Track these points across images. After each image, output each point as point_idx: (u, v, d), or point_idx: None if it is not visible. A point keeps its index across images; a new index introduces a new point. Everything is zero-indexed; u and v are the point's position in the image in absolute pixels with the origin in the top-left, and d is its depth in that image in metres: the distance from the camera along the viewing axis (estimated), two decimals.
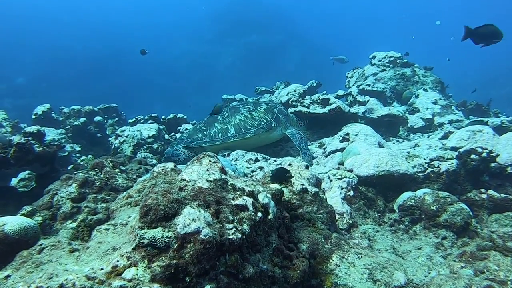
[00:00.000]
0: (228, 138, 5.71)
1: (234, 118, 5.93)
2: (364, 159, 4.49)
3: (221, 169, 2.12)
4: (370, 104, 7.98)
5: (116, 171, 3.87)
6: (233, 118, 5.93)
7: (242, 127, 5.80)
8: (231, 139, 5.70)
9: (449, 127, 8.32)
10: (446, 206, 3.80)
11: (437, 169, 4.75)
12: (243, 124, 5.84)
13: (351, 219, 3.52)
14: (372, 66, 11.22)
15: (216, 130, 5.84)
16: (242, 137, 5.70)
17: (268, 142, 6.25)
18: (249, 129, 5.77)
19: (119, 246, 1.73)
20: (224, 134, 5.76)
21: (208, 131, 5.87)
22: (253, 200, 1.97)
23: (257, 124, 5.83)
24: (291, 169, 2.84)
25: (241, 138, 5.70)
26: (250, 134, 5.74)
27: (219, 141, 5.72)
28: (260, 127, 5.81)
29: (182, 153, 5.89)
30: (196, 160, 2.17)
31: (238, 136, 5.70)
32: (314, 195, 2.62)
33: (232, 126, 5.83)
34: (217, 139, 5.75)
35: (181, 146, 5.98)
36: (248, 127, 5.80)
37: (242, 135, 5.72)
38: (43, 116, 9.38)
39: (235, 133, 5.73)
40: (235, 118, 5.94)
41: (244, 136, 5.71)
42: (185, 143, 5.93)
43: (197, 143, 5.83)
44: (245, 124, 5.84)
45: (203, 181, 1.90)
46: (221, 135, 5.76)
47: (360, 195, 4.14)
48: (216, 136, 5.77)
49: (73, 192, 3.34)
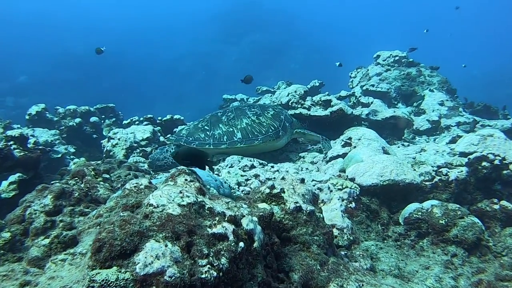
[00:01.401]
0: (234, 143, 5.38)
1: (240, 122, 5.62)
2: (367, 167, 4.18)
3: (198, 190, 1.82)
4: (374, 105, 7.66)
5: (99, 180, 3.58)
6: (239, 121, 5.62)
7: (249, 132, 5.51)
8: (237, 145, 5.38)
9: (456, 129, 7.99)
10: (456, 220, 3.49)
11: (445, 177, 4.43)
12: (250, 129, 5.54)
13: (352, 235, 3.21)
14: (376, 66, 10.89)
15: (221, 132, 5.48)
16: (249, 144, 5.40)
17: (271, 149, 6.01)
18: (257, 136, 5.49)
19: (69, 286, 1.44)
20: (229, 138, 5.42)
21: (212, 132, 5.49)
22: (234, 227, 1.68)
23: (265, 131, 5.56)
24: (284, 183, 2.54)
25: (248, 144, 5.40)
26: (258, 141, 5.47)
27: (224, 145, 5.36)
28: (268, 135, 5.54)
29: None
30: (171, 179, 1.87)
31: (245, 142, 5.40)
32: (309, 215, 2.31)
33: (238, 130, 5.51)
34: (222, 142, 5.38)
35: (174, 147, 5.56)
36: (255, 133, 5.51)
37: (250, 142, 5.42)
38: (37, 116, 9.13)
39: (242, 139, 5.42)
40: (241, 121, 5.63)
41: (252, 143, 5.42)
42: (185, 142, 5.46)
43: (199, 144, 5.40)
44: (252, 129, 5.55)
45: (173, 206, 1.60)
46: (227, 139, 5.41)
47: (362, 206, 3.83)
48: (221, 139, 5.41)
49: (47, 204, 3.05)
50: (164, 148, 5.59)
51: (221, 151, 5.43)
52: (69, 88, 31.01)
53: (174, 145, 5.62)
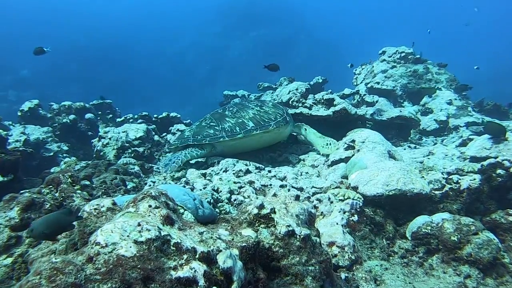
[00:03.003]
0: (249, 131, 5.30)
1: (246, 113, 5.58)
2: (371, 175, 3.83)
3: (165, 218, 1.49)
4: (379, 104, 7.29)
5: (76, 188, 3.25)
6: (245, 113, 5.58)
7: (260, 120, 5.46)
8: (253, 132, 5.30)
9: (465, 130, 7.61)
10: (470, 237, 3.14)
11: (456, 186, 4.07)
12: (259, 118, 5.50)
13: (354, 253, 2.88)
14: (381, 62, 10.49)
15: (230, 125, 5.37)
16: (264, 130, 5.35)
17: (279, 139, 5.98)
18: (269, 122, 5.44)
19: None
20: (242, 128, 5.32)
21: (221, 126, 5.38)
22: (206, 268, 1.35)
23: (274, 118, 5.54)
24: (276, 200, 2.20)
25: (263, 130, 5.34)
26: (272, 126, 5.41)
27: (239, 135, 5.26)
28: (278, 121, 5.51)
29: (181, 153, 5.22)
30: (132, 204, 1.53)
31: (259, 129, 5.33)
32: (303, 240, 1.97)
33: (248, 119, 5.45)
34: (236, 132, 5.27)
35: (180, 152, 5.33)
36: (266, 120, 5.47)
37: (264, 128, 5.36)
38: (29, 112, 8.82)
39: (255, 126, 5.35)
40: (247, 112, 5.60)
41: (266, 128, 5.37)
42: (194, 141, 5.30)
43: (212, 139, 5.25)
44: (262, 117, 5.52)
45: (128, 244, 1.27)
46: (239, 129, 5.30)
47: (365, 219, 3.48)
48: (234, 130, 5.29)
49: (13, 217, 2.73)
50: (168, 156, 5.33)
51: (234, 142, 5.33)
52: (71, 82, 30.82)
53: (181, 148, 5.45)
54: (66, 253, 1.65)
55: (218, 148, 5.40)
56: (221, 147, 5.39)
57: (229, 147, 5.40)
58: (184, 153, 5.21)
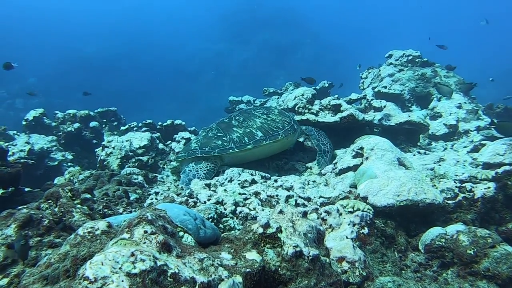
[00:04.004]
0: (258, 141, 5.20)
1: (254, 122, 5.49)
2: (381, 185, 3.69)
3: (162, 245, 1.37)
4: (387, 109, 7.14)
5: (76, 202, 3.15)
6: (252, 122, 5.49)
7: (268, 129, 5.37)
8: (262, 142, 5.21)
9: (476, 134, 7.44)
10: (487, 250, 2.98)
11: (470, 195, 3.91)
12: (267, 127, 5.41)
13: (365, 269, 2.74)
14: (388, 66, 10.34)
15: (238, 135, 5.28)
16: (274, 140, 5.26)
17: (287, 147, 5.87)
18: (277, 131, 5.36)
19: None
20: (251, 138, 5.23)
21: (228, 136, 5.27)
22: None
23: (282, 127, 5.47)
24: (282, 218, 2.08)
25: (272, 140, 5.26)
26: (281, 136, 5.33)
27: (249, 145, 5.15)
28: (286, 129, 5.44)
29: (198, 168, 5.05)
30: (127, 230, 1.42)
31: (269, 138, 5.25)
32: (312, 261, 1.85)
33: (256, 129, 5.36)
34: (245, 143, 5.17)
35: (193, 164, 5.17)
36: (275, 129, 5.39)
37: (273, 138, 5.27)
38: (34, 121, 8.79)
39: (264, 136, 5.26)
40: (254, 121, 5.50)
41: (276, 138, 5.28)
42: (202, 153, 5.15)
43: (220, 151, 5.13)
44: (269, 126, 5.43)
45: (120, 278, 1.15)
46: (248, 139, 5.21)
47: (376, 232, 3.33)
48: (243, 141, 5.20)
49: (10, 235, 2.64)
50: (186, 171, 5.13)
51: (243, 153, 5.23)
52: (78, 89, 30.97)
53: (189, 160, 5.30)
54: (58, 280, 1.54)
55: (226, 159, 5.29)
56: (229, 158, 5.28)
57: (237, 158, 5.28)
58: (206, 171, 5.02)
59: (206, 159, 5.17)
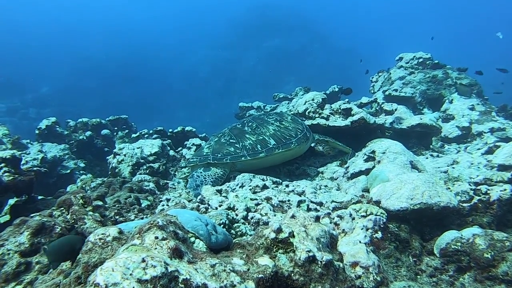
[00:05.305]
0: (271, 150, 5.17)
1: (267, 129, 5.46)
2: (394, 188, 3.63)
3: (173, 251, 1.36)
4: (398, 112, 7.07)
5: (88, 209, 3.16)
6: (266, 129, 5.46)
7: (281, 137, 5.35)
8: (275, 151, 5.18)
9: (489, 136, 7.31)
10: (505, 254, 2.91)
11: (486, 197, 3.84)
12: (280, 135, 5.39)
13: (379, 274, 2.69)
14: (399, 69, 10.27)
15: (251, 142, 5.25)
16: (286, 148, 5.24)
17: (299, 155, 5.78)
18: (290, 139, 5.34)
19: None
20: (264, 146, 5.20)
21: (241, 143, 5.24)
22: None
23: (295, 134, 5.45)
24: (294, 222, 2.05)
25: (285, 149, 5.24)
26: (294, 144, 5.31)
27: (262, 154, 5.13)
28: (298, 137, 5.41)
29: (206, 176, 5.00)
30: (137, 236, 1.41)
31: (282, 147, 5.23)
32: (325, 266, 1.81)
33: (269, 137, 5.33)
34: (258, 151, 5.14)
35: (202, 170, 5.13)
36: (287, 137, 5.37)
37: (286, 146, 5.26)
38: (47, 130, 8.90)
39: (278, 144, 5.24)
40: (268, 129, 5.47)
41: (288, 147, 5.27)
42: (214, 159, 5.11)
43: (232, 158, 5.10)
44: (282, 134, 5.41)
45: (131, 284, 1.14)
46: (261, 147, 5.18)
47: (390, 236, 3.28)
48: (256, 149, 5.16)
49: (23, 243, 2.65)
50: (194, 176, 5.10)
51: (257, 160, 5.19)
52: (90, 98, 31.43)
53: (200, 165, 5.25)
54: (70, 287, 1.54)
55: (238, 166, 5.25)
56: (241, 165, 5.23)
57: (249, 165, 5.23)
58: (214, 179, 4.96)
59: (216, 165, 5.15)
